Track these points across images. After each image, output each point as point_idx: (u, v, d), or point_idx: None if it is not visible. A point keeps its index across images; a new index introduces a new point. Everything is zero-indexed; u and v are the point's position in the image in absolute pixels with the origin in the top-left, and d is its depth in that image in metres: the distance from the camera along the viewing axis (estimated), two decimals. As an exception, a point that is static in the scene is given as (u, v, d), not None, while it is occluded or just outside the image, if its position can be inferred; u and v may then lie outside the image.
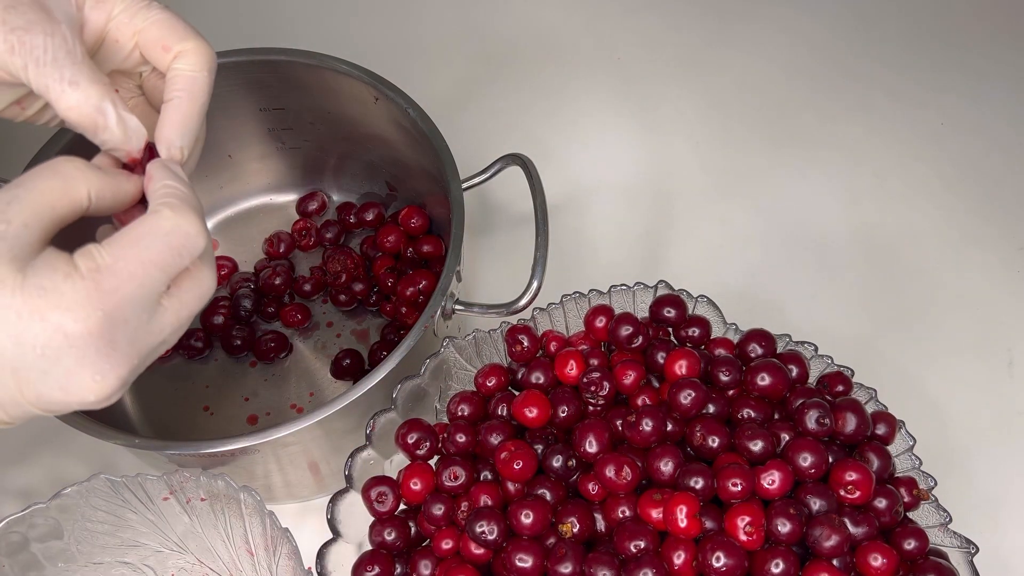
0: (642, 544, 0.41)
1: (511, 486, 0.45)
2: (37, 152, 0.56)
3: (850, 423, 0.44)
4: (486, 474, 0.46)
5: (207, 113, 0.40)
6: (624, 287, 0.53)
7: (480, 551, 0.43)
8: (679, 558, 0.41)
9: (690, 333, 0.50)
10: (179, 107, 0.38)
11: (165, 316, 0.33)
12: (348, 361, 0.61)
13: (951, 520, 0.44)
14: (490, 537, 0.42)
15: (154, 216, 0.33)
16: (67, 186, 0.33)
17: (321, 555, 0.45)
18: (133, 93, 0.42)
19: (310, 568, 0.46)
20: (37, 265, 0.30)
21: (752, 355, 0.48)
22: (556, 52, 0.81)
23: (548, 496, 0.44)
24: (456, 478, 0.45)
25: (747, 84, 0.78)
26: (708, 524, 0.41)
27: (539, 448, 0.46)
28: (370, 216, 0.66)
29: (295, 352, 0.63)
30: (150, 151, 0.37)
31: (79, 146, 0.42)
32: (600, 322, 0.50)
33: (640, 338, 0.48)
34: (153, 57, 0.39)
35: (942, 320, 0.64)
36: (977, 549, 0.43)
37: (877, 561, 0.41)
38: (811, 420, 0.44)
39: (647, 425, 0.44)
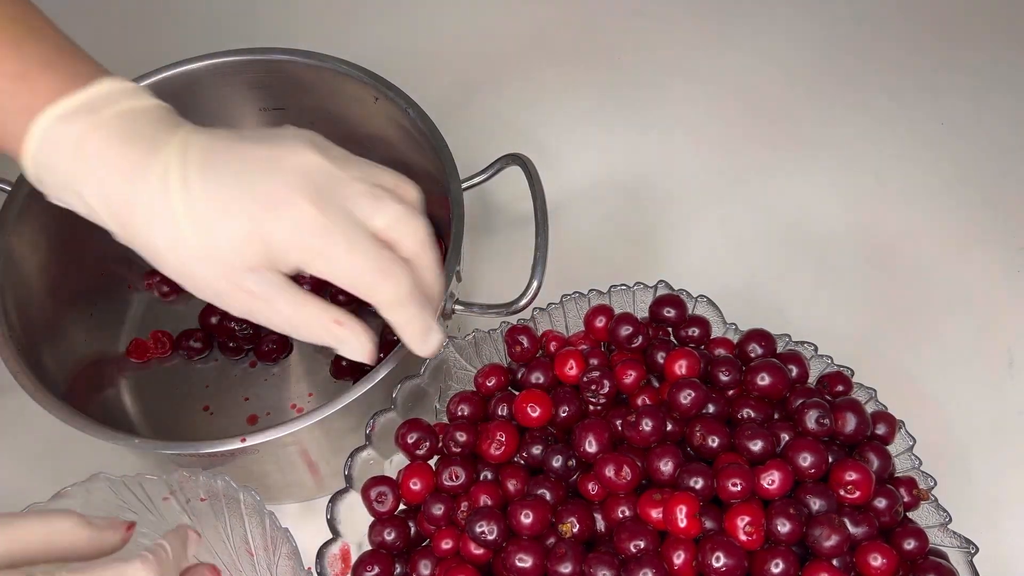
0: (642, 544, 0.41)
1: (511, 486, 0.45)
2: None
3: (850, 423, 0.44)
4: (486, 474, 0.46)
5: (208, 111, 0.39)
6: (624, 287, 0.53)
7: (480, 551, 0.43)
8: (679, 558, 0.41)
9: (690, 333, 0.50)
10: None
11: None
12: (348, 361, 0.60)
13: (951, 520, 0.44)
14: (490, 537, 0.42)
15: (125, 566, 0.35)
16: (50, 536, 0.35)
17: (321, 555, 0.45)
18: None
19: (310, 568, 0.46)
20: None
21: (752, 355, 0.48)
22: (556, 52, 0.81)
23: (548, 496, 0.44)
24: (456, 478, 0.45)
25: (747, 84, 0.78)
26: (708, 524, 0.41)
27: (539, 448, 0.46)
28: (370, 216, 0.66)
29: (295, 352, 0.63)
30: None
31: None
32: (600, 322, 0.50)
33: (640, 338, 0.48)
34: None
35: (942, 320, 0.64)
36: (977, 549, 0.43)
37: (877, 561, 0.41)
38: (811, 420, 0.44)
39: (647, 425, 0.44)
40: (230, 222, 0.36)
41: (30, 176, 0.37)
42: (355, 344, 0.40)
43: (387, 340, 0.61)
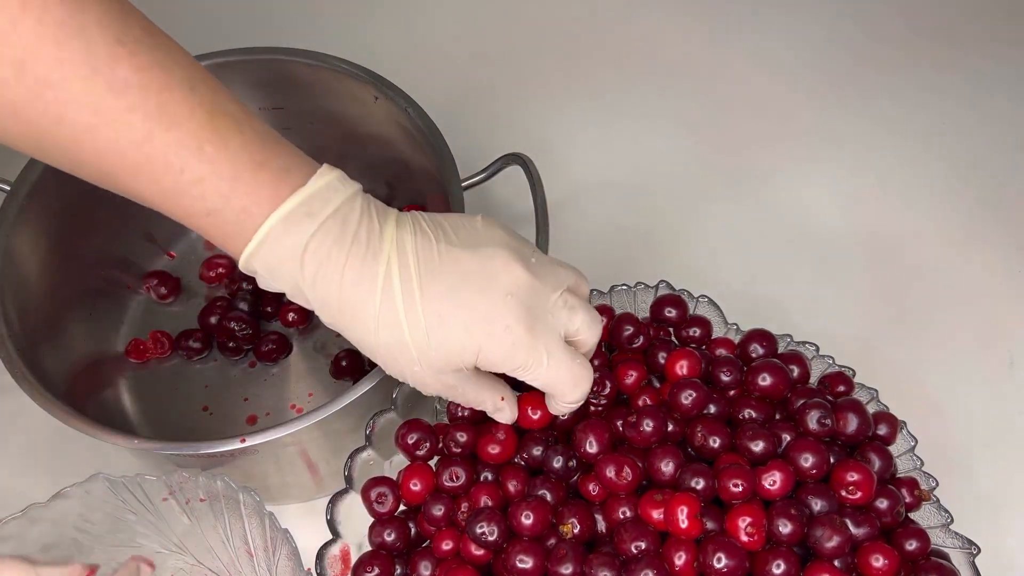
0: (643, 545, 0.41)
1: (511, 486, 0.45)
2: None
3: (851, 423, 0.44)
4: (486, 475, 0.46)
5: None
6: (625, 287, 0.53)
7: (480, 552, 0.43)
8: (680, 559, 0.40)
9: (691, 333, 0.50)
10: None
11: None
12: (347, 361, 0.60)
13: (952, 521, 0.44)
14: (490, 538, 0.42)
15: None
16: None
17: (321, 556, 0.45)
18: None
19: (309, 569, 0.45)
20: None
21: (753, 355, 0.48)
22: (556, 52, 0.81)
23: (548, 497, 0.44)
24: (456, 478, 0.45)
25: (748, 84, 0.78)
26: (709, 525, 0.41)
27: (539, 450, 0.46)
28: (370, 216, 0.66)
29: (295, 352, 0.63)
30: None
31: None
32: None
33: (641, 338, 0.48)
34: None
35: (943, 320, 0.64)
36: (979, 550, 0.43)
37: (878, 562, 0.41)
38: (812, 420, 0.43)
39: (648, 425, 0.44)
40: (449, 334, 0.39)
41: (242, 267, 0.38)
42: (509, 414, 0.45)
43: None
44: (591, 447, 0.44)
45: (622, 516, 0.43)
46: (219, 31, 0.80)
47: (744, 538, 0.40)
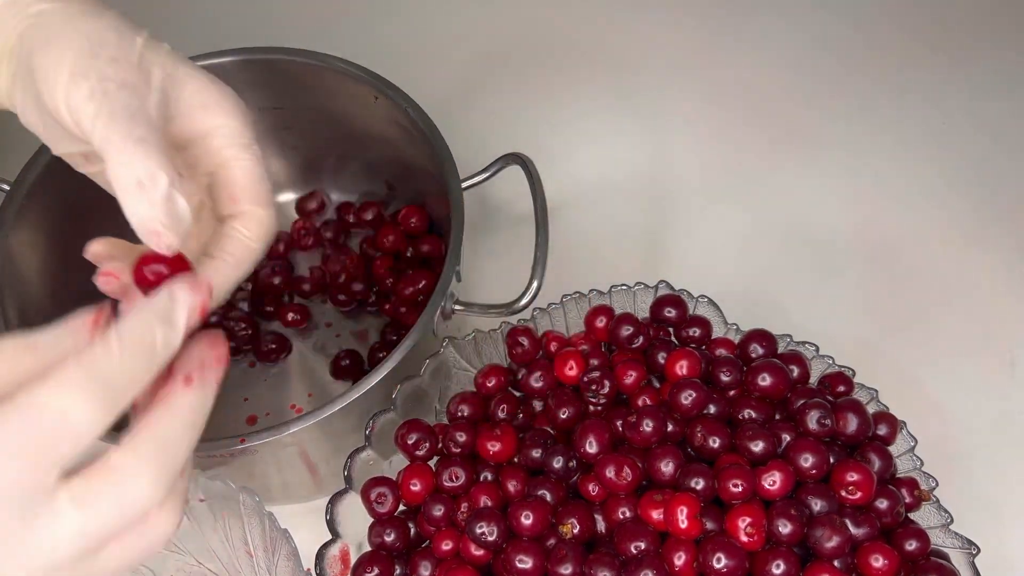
0: (643, 545, 0.41)
1: (511, 486, 0.45)
2: (35, 152, 0.55)
3: (851, 423, 0.44)
4: (486, 475, 0.46)
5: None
6: (624, 287, 0.53)
7: (480, 552, 0.43)
8: (680, 559, 0.40)
9: (691, 333, 0.50)
10: (223, 271, 0.36)
11: (64, 520, 0.26)
12: (347, 361, 0.60)
13: (952, 521, 0.44)
14: (490, 538, 0.42)
15: (26, 395, 0.27)
16: None
17: (320, 556, 0.45)
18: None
19: (309, 569, 0.45)
20: None
21: (753, 355, 0.48)
22: (556, 52, 0.81)
23: (548, 497, 0.44)
24: (456, 479, 0.45)
25: (748, 84, 0.78)
26: (709, 525, 0.41)
27: (539, 452, 0.46)
28: (369, 216, 0.66)
29: (294, 352, 0.63)
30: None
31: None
32: (601, 322, 0.50)
33: (641, 338, 0.48)
34: (217, 195, 0.37)
35: (944, 320, 0.64)
36: (979, 550, 0.43)
37: (878, 562, 0.41)
38: (812, 420, 0.43)
39: (648, 425, 0.44)
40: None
41: None
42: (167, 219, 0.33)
43: (387, 340, 0.61)
44: (591, 447, 0.44)
45: (622, 516, 0.43)
46: (219, 31, 0.80)
47: (744, 538, 0.40)
